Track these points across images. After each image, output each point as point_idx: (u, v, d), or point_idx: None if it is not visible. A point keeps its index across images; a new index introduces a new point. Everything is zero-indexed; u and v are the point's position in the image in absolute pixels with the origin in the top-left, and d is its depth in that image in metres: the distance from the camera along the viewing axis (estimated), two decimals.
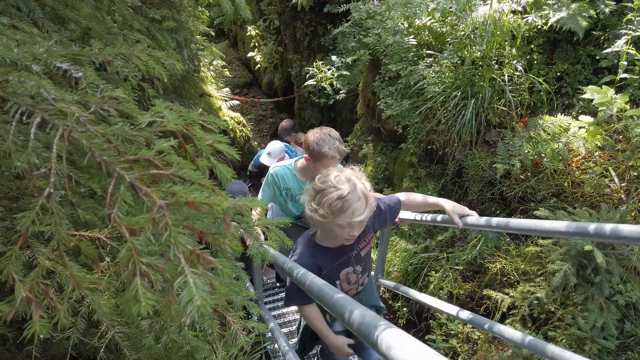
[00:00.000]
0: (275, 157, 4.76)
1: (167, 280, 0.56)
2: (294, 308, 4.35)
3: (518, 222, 1.78)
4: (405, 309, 3.61)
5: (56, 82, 0.85)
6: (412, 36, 4.16)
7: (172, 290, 0.57)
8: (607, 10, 3.05)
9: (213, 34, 7.04)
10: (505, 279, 2.89)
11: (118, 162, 0.58)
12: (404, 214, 4.31)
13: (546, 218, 2.49)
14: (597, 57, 3.14)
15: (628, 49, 2.77)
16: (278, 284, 4.85)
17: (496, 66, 3.46)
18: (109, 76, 1.13)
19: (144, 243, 0.54)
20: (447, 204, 2.04)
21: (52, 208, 0.54)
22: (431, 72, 3.74)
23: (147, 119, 0.72)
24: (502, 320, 2.68)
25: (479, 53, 3.44)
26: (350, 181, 1.71)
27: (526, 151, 2.99)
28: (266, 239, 1.55)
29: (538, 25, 3.36)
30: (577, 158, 2.87)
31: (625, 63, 2.78)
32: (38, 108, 0.60)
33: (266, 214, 4.18)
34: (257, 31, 9.53)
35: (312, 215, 1.73)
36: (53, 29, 1.13)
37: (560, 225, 1.51)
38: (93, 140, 0.59)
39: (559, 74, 3.37)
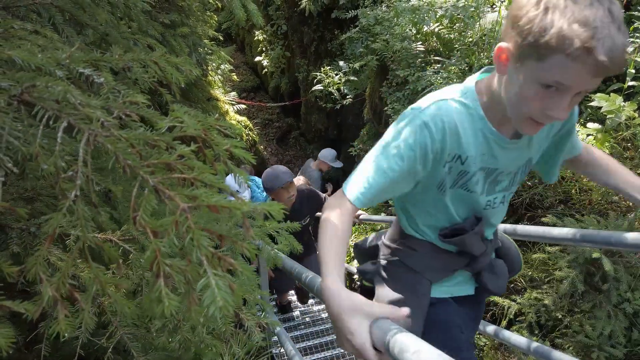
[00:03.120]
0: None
1: (188, 282, 0.57)
2: (298, 313, 4.36)
3: (525, 229, 1.78)
4: None
5: (78, 86, 0.87)
6: (420, 42, 4.19)
7: (193, 292, 0.58)
8: None
9: (221, 38, 7.10)
10: (512, 285, 2.89)
11: (142, 166, 0.59)
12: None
13: (554, 225, 2.49)
14: None
15: (636, 57, 2.77)
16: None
17: None
18: (124, 81, 1.15)
19: (167, 245, 0.56)
20: None
21: (78, 210, 0.56)
22: (439, 78, 3.75)
23: (167, 123, 0.74)
24: (508, 327, 2.67)
25: (487, 60, 3.45)
26: None
27: None
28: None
29: None
30: None
31: (633, 71, 2.78)
32: (64, 113, 0.62)
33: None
34: (264, 36, 9.60)
35: None
36: (72, 34, 1.16)
37: (567, 232, 1.52)
38: (117, 144, 0.61)
39: None
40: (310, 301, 4.51)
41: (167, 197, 0.58)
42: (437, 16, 3.98)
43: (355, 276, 4.78)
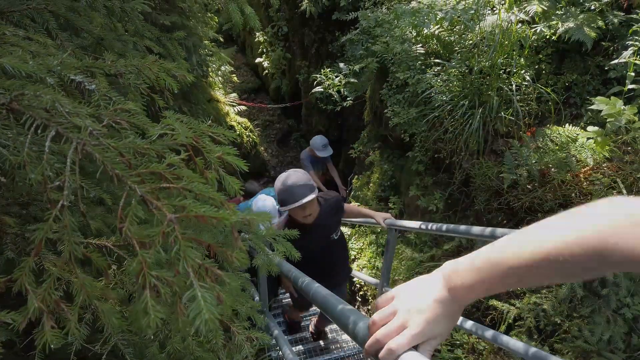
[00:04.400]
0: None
1: (175, 293, 0.56)
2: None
3: None
4: None
5: (69, 93, 0.86)
6: (420, 45, 4.18)
7: (180, 303, 0.57)
8: (615, 20, 3.04)
9: (222, 39, 7.10)
10: (511, 289, 2.88)
11: (130, 176, 0.59)
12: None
13: None
14: (606, 68, 3.13)
15: (635, 60, 2.76)
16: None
17: (504, 75, 3.46)
18: (119, 85, 1.15)
19: (153, 255, 0.55)
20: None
21: (65, 220, 0.56)
22: (439, 80, 3.74)
23: (158, 131, 0.73)
24: (508, 332, 2.66)
25: (487, 62, 3.44)
26: None
27: (533, 161, 2.98)
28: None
29: (546, 35, 3.36)
30: (585, 169, 2.86)
31: (633, 74, 2.77)
32: (53, 121, 0.62)
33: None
34: (265, 37, 9.59)
35: None
36: (66, 38, 1.15)
37: None
38: (106, 153, 0.60)
39: (567, 84, 3.36)
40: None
41: (154, 207, 0.57)
42: (437, 19, 3.97)
43: (355, 279, 4.74)
